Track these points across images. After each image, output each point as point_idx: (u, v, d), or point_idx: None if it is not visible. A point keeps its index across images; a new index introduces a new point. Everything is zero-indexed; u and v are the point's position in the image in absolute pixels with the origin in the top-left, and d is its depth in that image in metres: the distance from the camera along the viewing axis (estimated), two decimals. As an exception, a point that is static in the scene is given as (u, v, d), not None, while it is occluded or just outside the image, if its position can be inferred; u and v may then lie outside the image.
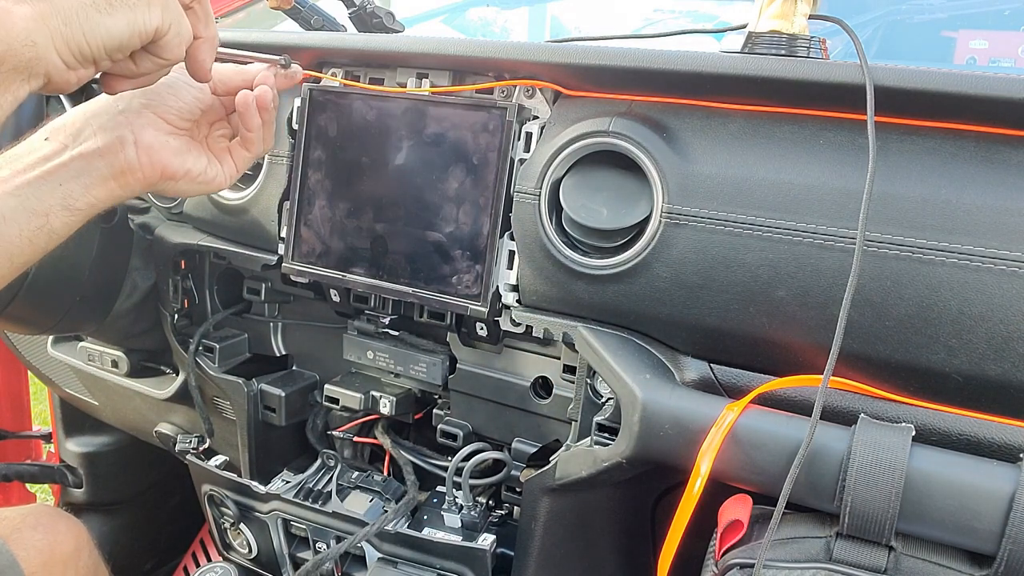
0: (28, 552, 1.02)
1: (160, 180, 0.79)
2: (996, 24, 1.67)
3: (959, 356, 0.71)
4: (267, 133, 0.85)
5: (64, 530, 1.11)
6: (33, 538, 1.05)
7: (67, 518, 1.15)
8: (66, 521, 1.13)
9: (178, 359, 1.24)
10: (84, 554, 1.13)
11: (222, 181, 0.84)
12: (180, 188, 0.82)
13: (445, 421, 1.09)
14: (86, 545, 1.14)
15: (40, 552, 1.04)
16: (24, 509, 1.12)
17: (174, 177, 0.80)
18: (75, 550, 1.11)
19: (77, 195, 0.74)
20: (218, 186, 0.84)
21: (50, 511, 1.14)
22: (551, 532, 0.96)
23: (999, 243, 0.69)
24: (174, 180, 0.80)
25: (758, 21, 0.86)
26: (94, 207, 0.76)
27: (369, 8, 1.11)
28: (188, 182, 0.81)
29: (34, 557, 1.03)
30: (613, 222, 0.83)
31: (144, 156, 0.77)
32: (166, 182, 0.80)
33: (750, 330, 0.79)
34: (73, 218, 0.75)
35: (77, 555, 1.11)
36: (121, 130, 0.76)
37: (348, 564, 1.12)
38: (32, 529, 1.07)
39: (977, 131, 0.73)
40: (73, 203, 0.74)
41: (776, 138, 0.79)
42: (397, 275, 0.97)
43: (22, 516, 1.09)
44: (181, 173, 0.80)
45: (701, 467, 0.74)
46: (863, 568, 0.69)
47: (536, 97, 0.91)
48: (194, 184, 0.82)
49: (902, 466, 0.67)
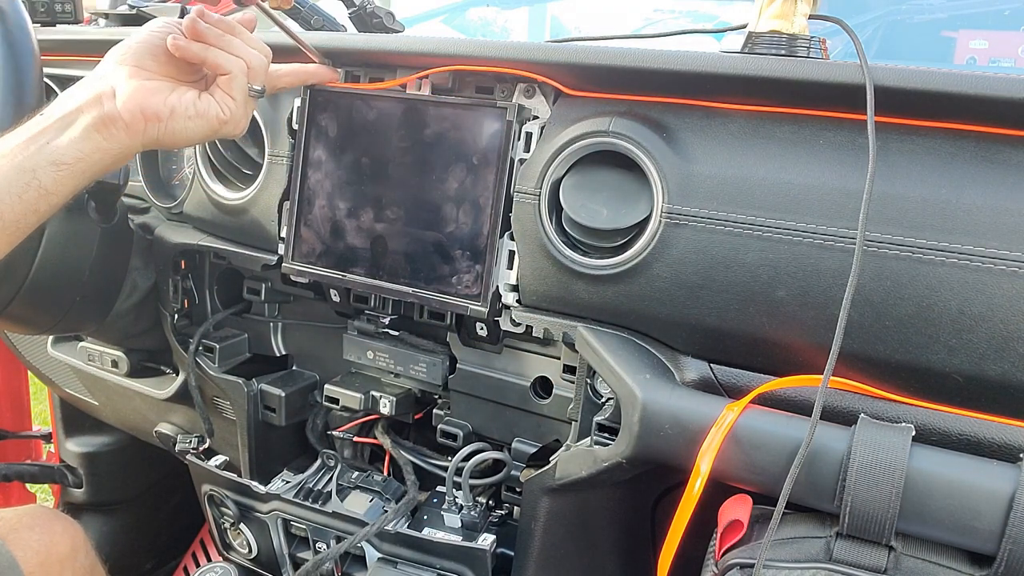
0: (25, 552, 1.02)
1: (145, 123, 0.78)
2: (996, 24, 1.67)
3: (959, 356, 0.71)
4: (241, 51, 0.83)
5: (60, 530, 1.11)
6: (30, 538, 1.06)
7: (63, 519, 1.15)
8: (62, 522, 1.13)
9: (178, 359, 1.24)
10: (81, 554, 1.13)
11: (219, 113, 0.82)
12: (175, 129, 0.80)
13: (445, 421, 1.09)
14: (83, 545, 1.14)
15: (37, 553, 1.05)
16: (20, 510, 1.13)
17: (158, 117, 0.79)
18: (72, 550, 1.11)
19: (63, 150, 0.76)
20: (219, 121, 0.83)
21: (46, 512, 1.14)
22: (551, 532, 0.96)
23: (999, 243, 0.69)
24: (160, 121, 0.79)
25: (758, 21, 0.86)
26: (81, 160, 0.76)
27: (369, 8, 1.11)
28: (180, 120, 0.80)
29: (31, 557, 1.03)
30: (613, 222, 0.83)
31: (122, 103, 0.77)
32: (155, 124, 0.79)
33: (750, 330, 0.79)
34: (61, 173, 0.75)
35: (74, 555, 1.11)
36: (99, 85, 0.78)
37: (348, 564, 1.12)
38: (29, 529, 1.07)
39: (977, 131, 0.73)
40: (60, 158, 0.75)
41: (776, 138, 0.79)
42: (397, 275, 0.97)
43: (18, 517, 1.09)
44: (166, 112, 0.79)
45: (701, 467, 0.74)
46: (863, 568, 0.69)
47: (536, 97, 0.91)
48: (188, 121, 0.81)
49: (902, 466, 0.67)
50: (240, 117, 0.84)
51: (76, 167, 0.76)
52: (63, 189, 0.76)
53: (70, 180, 0.76)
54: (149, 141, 0.80)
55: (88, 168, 0.77)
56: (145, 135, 0.79)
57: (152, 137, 0.80)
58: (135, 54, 0.80)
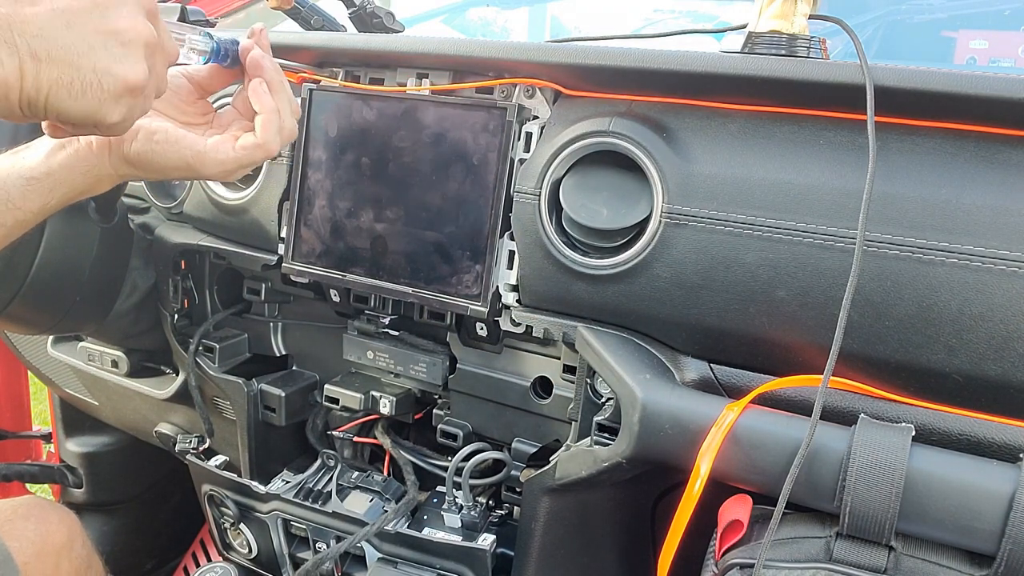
0: (20, 543, 1.02)
1: (110, 141, 0.75)
2: (996, 24, 1.67)
3: (959, 356, 0.71)
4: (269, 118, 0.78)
5: (56, 520, 1.10)
6: (25, 529, 1.05)
7: (59, 509, 1.14)
8: (58, 512, 1.13)
9: (178, 359, 1.24)
10: (77, 544, 1.12)
11: (197, 144, 0.76)
12: (144, 149, 0.75)
13: (445, 421, 1.09)
14: (79, 536, 1.14)
15: (32, 543, 1.04)
16: (15, 501, 1.12)
17: (123, 137, 0.74)
18: (68, 540, 1.10)
19: (33, 164, 0.75)
20: (196, 149, 0.76)
21: (41, 502, 1.13)
22: (551, 532, 0.96)
23: (999, 243, 0.69)
24: (124, 140, 0.75)
25: (758, 21, 0.86)
26: (50, 176, 0.75)
27: (369, 8, 1.11)
28: (151, 141, 0.75)
29: (26, 548, 1.02)
30: (613, 222, 0.83)
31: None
32: (119, 144, 0.75)
33: (750, 330, 0.79)
34: (30, 188, 0.74)
35: (70, 545, 1.10)
36: None
37: (348, 564, 1.12)
38: (24, 520, 1.06)
39: (977, 131, 0.73)
40: (30, 172, 0.75)
41: (776, 138, 0.79)
42: (397, 275, 0.97)
43: (13, 507, 1.09)
44: (131, 131, 0.74)
45: (701, 467, 0.74)
46: (863, 568, 0.69)
47: (536, 97, 0.91)
48: (156, 145, 0.75)
49: (902, 466, 0.67)
50: (231, 166, 0.78)
51: (44, 182, 0.75)
52: (30, 204, 0.75)
53: (38, 196, 0.75)
54: (118, 162, 0.77)
55: (56, 185, 0.76)
56: (112, 154, 0.76)
57: (119, 156, 0.76)
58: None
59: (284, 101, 0.80)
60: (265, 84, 0.79)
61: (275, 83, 0.80)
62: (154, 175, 0.80)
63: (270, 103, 0.79)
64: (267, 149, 0.79)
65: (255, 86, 0.79)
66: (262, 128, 0.78)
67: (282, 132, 0.80)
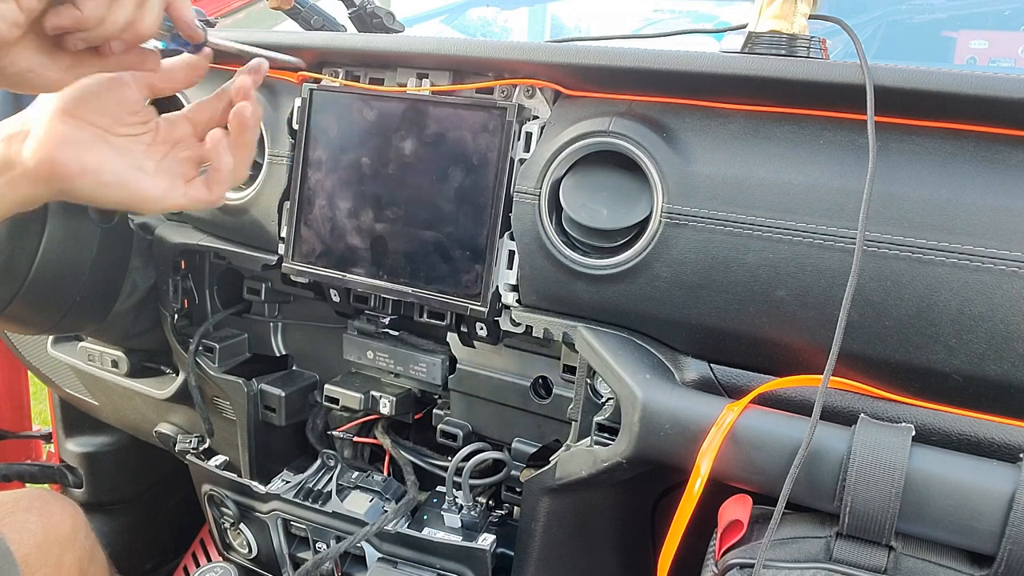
0: (22, 534, 1.01)
1: (50, 176, 0.69)
2: (996, 24, 1.67)
3: (959, 356, 0.71)
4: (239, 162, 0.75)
5: (59, 511, 1.10)
6: (27, 520, 1.04)
7: (62, 500, 1.14)
8: (61, 503, 1.12)
9: (178, 359, 1.24)
10: (80, 535, 1.12)
11: (144, 190, 0.72)
12: (83, 189, 0.70)
13: (445, 421, 1.09)
14: (83, 527, 1.13)
15: (34, 534, 1.03)
16: (17, 493, 1.11)
17: (66, 175, 0.69)
18: (71, 531, 1.10)
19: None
20: (143, 195, 0.72)
21: (43, 494, 1.13)
22: (551, 532, 0.96)
23: (999, 243, 0.69)
24: (67, 179, 0.69)
25: (758, 21, 0.86)
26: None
27: (369, 8, 1.11)
28: (89, 184, 0.70)
29: (28, 539, 1.02)
30: (613, 222, 0.83)
31: (31, 149, 0.68)
32: (60, 181, 0.69)
33: (750, 330, 0.79)
34: None
35: (73, 536, 1.10)
36: (15, 123, 0.70)
37: (348, 564, 1.12)
38: (26, 511, 1.06)
39: (977, 131, 0.73)
40: None
41: (776, 138, 0.79)
42: (397, 275, 0.97)
43: (15, 500, 1.08)
44: (75, 169, 0.69)
45: (701, 467, 0.74)
46: (863, 568, 0.69)
47: (536, 97, 0.91)
48: (100, 188, 0.70)
49: (902, 466, 0.67)
50: (174, 209, 0.75)
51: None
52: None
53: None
54: (57, 194, 0.71)
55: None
56: (50, 186, 0.70)
57: (57, 190, 0.70)
58: (71, 97, 0.70)
59: (245, 151, 0.76)
60: (225, 141, 0.75)
61: (251, 122, 0.75)
62: (96, 205, 0.76)
63: (228, 162, 0.75)
64: (215, 201, 0.77)
65: (216, 138, 0.74)
66: (216, 185, 0.76)
67: (233, 183, 0.77)
